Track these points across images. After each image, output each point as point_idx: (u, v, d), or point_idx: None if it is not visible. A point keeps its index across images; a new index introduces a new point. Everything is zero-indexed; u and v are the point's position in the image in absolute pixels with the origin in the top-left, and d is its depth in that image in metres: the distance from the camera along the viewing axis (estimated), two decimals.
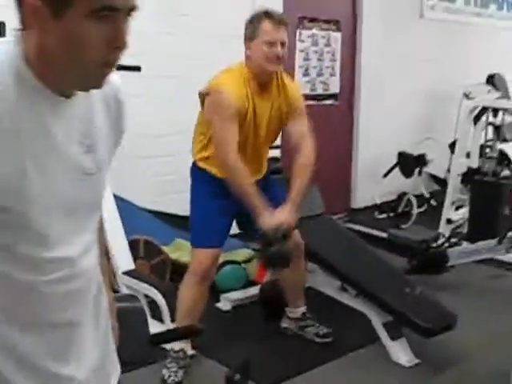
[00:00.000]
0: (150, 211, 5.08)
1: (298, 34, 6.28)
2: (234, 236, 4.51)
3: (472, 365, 3.69)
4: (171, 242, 4.90)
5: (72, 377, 1.36)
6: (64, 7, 1.12)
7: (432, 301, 3.87)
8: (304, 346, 3.86)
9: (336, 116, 6.80)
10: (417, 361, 3.68)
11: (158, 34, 5.01)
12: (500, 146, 6.26)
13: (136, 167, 4.99)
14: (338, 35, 6.69)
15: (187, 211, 3.65)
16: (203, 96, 3.43)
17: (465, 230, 5.36)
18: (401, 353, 3.71)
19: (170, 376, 3.37)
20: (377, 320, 3.82)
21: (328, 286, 4.27)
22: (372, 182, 6.88)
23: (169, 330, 3.41)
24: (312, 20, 6.40)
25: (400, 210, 6.71)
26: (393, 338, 3.75)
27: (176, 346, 3.44)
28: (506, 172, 5.95)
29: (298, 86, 3.68)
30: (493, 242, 4.86)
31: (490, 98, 6.15)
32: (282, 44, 3.36)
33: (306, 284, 4.04)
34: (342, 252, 4.30)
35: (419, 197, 6.82)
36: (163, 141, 5.17)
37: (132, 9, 1.19)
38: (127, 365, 1.61)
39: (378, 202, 6.87)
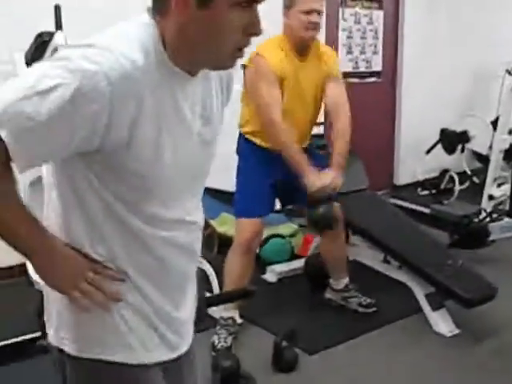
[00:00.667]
0: None
1: (340, 12, 6.33)
2: (279, 211, 4.65)
3: (511, 335, 3.77)
4: (217, 216, 5.04)
5: (180, 318, 1.56)
6: None
7: (473, 273, 3.94)
8: (347, 316, 3.97)
9: (379, 93, 6.84)
10: (457, 331, 3.77)
11: None
12: None
13: None
14: (380, 13, 6.72)
15: (233, 187, 3.75)
16: (245, 68, 3.51)
17: (506, 206, 5.39)
18: (442, 323, 3.80)
19: (219, 342, 3.50)
20: (419, 291, 3.92)
21: (372, 258, 4.39)
22: (415, 159, 6.93)
23: (223, 293, 3.55)
24: None
25: (442, 186, 6.76)
26: (434, 309, 3.84)
27: (225, 314, 3.58)
28: None
29: (334, 53, 3.77)
30: None
31: None
32: (318, 13, 3.49)
33: (347, 256, 4.10)
34: (385, 226, 4.39)
35: (461, 174, 6.84)
36: None
37: None
38: None
39: (421, 178, 6.93)
